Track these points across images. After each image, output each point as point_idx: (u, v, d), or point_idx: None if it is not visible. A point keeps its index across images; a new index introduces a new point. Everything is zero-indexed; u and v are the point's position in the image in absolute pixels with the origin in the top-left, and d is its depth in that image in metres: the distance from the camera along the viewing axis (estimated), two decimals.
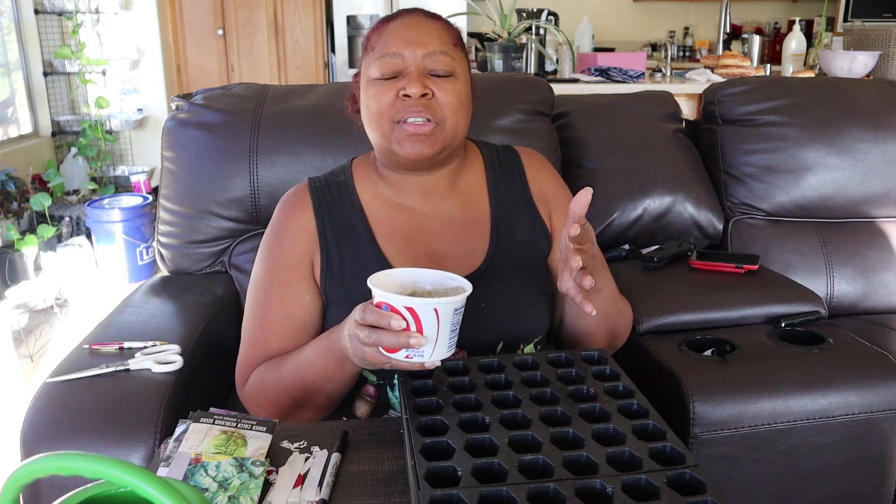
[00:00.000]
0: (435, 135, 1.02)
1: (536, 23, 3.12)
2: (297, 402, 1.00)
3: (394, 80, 1.02)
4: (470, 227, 1.10)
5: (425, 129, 1.01)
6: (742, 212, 1.73)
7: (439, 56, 1.02)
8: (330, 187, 1.12)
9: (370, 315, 0.79)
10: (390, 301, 0.77)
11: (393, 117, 1.01)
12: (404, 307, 0.76)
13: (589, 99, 1.84)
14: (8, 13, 4.06)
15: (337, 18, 4.60)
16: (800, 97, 1.73)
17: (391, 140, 1.02)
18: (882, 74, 2.77)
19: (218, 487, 0.77)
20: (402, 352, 0.78)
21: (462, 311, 0.80)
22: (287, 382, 1.00)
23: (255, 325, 1.08)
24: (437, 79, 1.02)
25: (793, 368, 1.17)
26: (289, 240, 1.09)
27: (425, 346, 0.77)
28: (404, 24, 1.04)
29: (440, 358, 0.79)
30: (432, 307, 0.76)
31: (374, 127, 1.04)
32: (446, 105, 1.01)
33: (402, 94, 1.00)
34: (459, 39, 1.09)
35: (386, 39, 1.03)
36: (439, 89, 1.01)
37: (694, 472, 0.66)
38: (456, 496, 0.64)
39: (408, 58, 1.01)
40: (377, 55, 1.03)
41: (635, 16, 6.19)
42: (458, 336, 0.81)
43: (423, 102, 1.00)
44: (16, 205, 3.47)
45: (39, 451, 0.94)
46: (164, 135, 1.51)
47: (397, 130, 1.02)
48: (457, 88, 1.03)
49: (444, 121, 1.02)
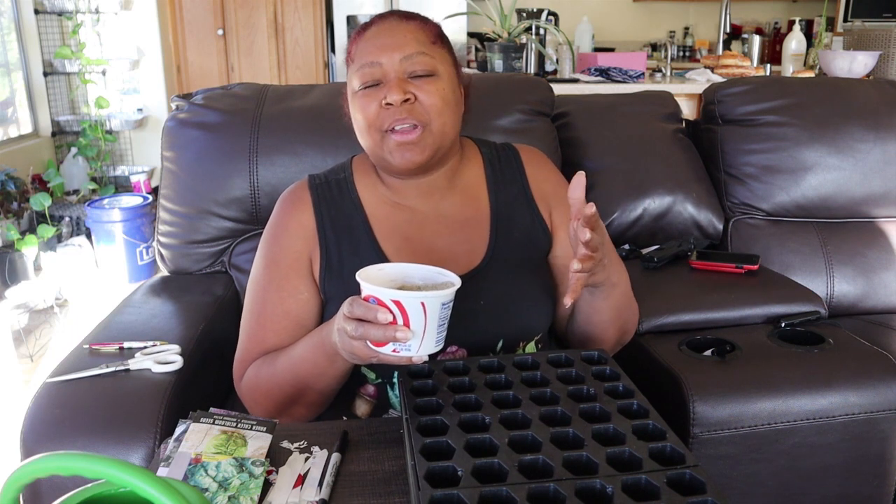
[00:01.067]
0: (423, 140, 1.01)
1: (536, 23, 3.12)
2: (290, 398, 1.00)
3: (376, 89, 1.01)
4: (469, 226, 1.10)
5: (412, 136, 1.00)
6: (742, 212, 1.73)
7: (417, 57, 1.01)
8: (330, 185, 1.12)
9: (357, 308, 0.79)
10: (377, 294, 0.77)
11: (380, 127, 1.01)
12: (391, 300, 0.76)
13: (589, 99, 1.84)
14: (8, 13, 4.06)
15: (337, 18, 4.60)
16: (800, 97, 1.73)
17: (383, 150, 1.03)
18: (882, 74, 2.77)
19: (218, 487, 0.77)
20: (389, 345, 0.78)
21: (450, 306, 0.80)
22: (280, 378, 1.00)
23: (253, 321, 1.08)
24: (418, 81, 1.01)
25: (793, 368, 1.17)
26: (287, 237, 1.09)
27: (412, 340, 0.77)
28: (379, 31, 1.03)
29: (428, 352, 0.79)
30: (419, 300, 0.76)
31: (364, 138, 1.05)
32: (431, 107, 1.00)
33: (384, 104, 1.00)
34: (439, 36, 1.06)
35: (363, 49, 1.03)
36: (421, 91, 1.00)
37: (694, 472, 0.66)
38: (456, 496, 0.64)
39: (385, 64, 1.00)
40: (357, 67, 1.03)
41: (635, 16, 6.19)
42: (446, 331, 0.81)
43: (407, 108, 0.99)
44: (16, 205, 3.47)
45: (39, 451, 0.94)
46: (164, 135, 1.51)
47: (386, 140, 1.01)
48: (440, 88, 1.02)
49: (429, 123, 1.01)
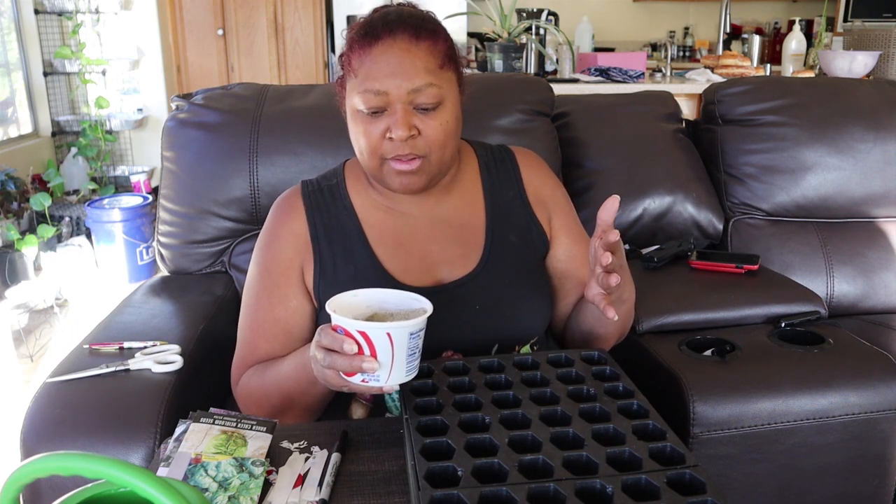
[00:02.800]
0: (422, 169, 1.00)
1: (536, 23, 3.12)
2: (278, 410, 1.01)
3: (379, 116, 0.98)
4: (464, 230, 1.10)
5: (412, 165, 0.99)
6: (742, 212, 1.73)
7: (426, 89, 0.97)
8: (322, 191, 1.11)
9: (324, 338, 0.79)
10: (344, 325, 0.77)
11: (381, 155, 1.00)
12: (357, 331, 0.76)
13: (589, 99, 1.83)
14: (8, 13, 4.06)
15: (337, 18, 4.59)
16: (800, 97, 1.73)
17: (381, 173, 1.02)
18: (882, 74, 2.77)
19: (218, 487, 0.77)
20: (358, 375, 0.78)
21: (421, 335, 0.79)
22: (268, 391, 1.01)
23: (246, 328, 1.09)
24: (423, 115, 0.98)
25: (793, 368, 1.17)
26: (279, 245, 1.08)
27: (381, 371, 0.77)
28: (386, 53, 0.97)
29: (398, 382, 0.78)
30: (384, 331, 0.75)
31: (362, 158, 1.03)
32: (433, 141, 0.99)
33: (388, 136, 0.98)
34: (448, 56, 1.01)
35: (369, 69, 0.97)
36: (425, 126, 0.98)
37: (694, 472, 0.66)
38: (456, 496, 0.64)
39: (392, 94, 0.96)
40: (360, 86, 0.98)
41: (635, 16, 6.19)
42: (419, 359, 0.80)
43: (410, 143, 0.98)
44: (16, 205, 3.47)
45: (39, 451, 0.94)
46: (164, 135, 1.51)
47: (386, 167, 1.01)
48: (444, 121, 0.99)
49: (429, 154, 1.00)
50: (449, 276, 1.06)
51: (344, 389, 0.83)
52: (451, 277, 1.06)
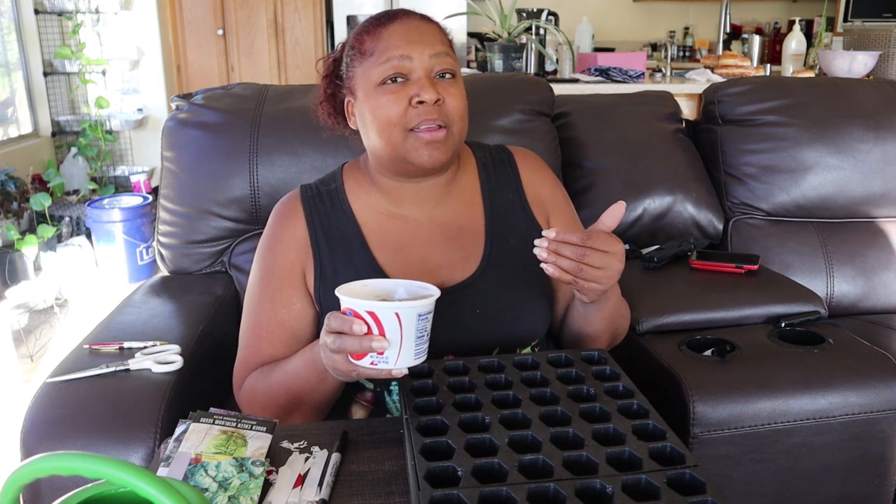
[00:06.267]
0: (447, 140, 1.00)
1: (536, 23, 3.12)
2: (285, 411, 1.01)
3: (401, 85, 0.98)
4: (464, 233, 1.09)
5: (440, 135, 0.98)
6: (742, 212, 1.73)
7: (444, 57, 1.00)
8: (321, 196, 1.11)
9: (334, 321, 0.80)
10: (353, 306, 0.78)
11: (406, 125, 0.98)
12: (366, 311, 0.77)
13: (589, 99, 1.83)
14: (8, 13, 4.06)
15: (337, 18, 4.60)
16: (800, 97, 1.73)
17: (405, 149, 1.00)
18: (882, 74, 2.77)
19: (218, 487, 0.77)
20: (367, 358, 0.78)
21: (430, 318, 0.79)
22: (275, 391, 1.01)
23: (249, 332, 1.08)
24: (443, 82, 1.00)
25: (793, 368, 1.17)
26: (280, 249, 1.08)
27: (389, 352, 0.77)
28: (405, 26, 1.01)
29: (407, 365, 0.79)
30: (393, 311, 0.76)
31: (381, 136, 1.01)
32: (455, 110, 1.00)
33: (415, 102, 0.97)
34: (451, 46, 1.06)
35: (389, 42, 0.99)
36: (448, 94, 0.99)
37: (694, 472, 0.66)
38: (456, 496, 0.64)
39: (415, 59, 0.98)
40: (381, 58, 0.99)
41: (635, 16, 6.19)
42: (428, 344, 0.80)
43: (437, 108, 0.98)
44: (16, 205, 3.47)
45: (39, 451, 0.94)
46: (164, 135, 1.51)
47: (411, 139, 0.99)
48: (462, 91, 1.02)
49: (452, 125, 1.00)
50: (449, 279, 1.06)
51: (353, 376, 0.83)
52: (452, 281, 1.06)
